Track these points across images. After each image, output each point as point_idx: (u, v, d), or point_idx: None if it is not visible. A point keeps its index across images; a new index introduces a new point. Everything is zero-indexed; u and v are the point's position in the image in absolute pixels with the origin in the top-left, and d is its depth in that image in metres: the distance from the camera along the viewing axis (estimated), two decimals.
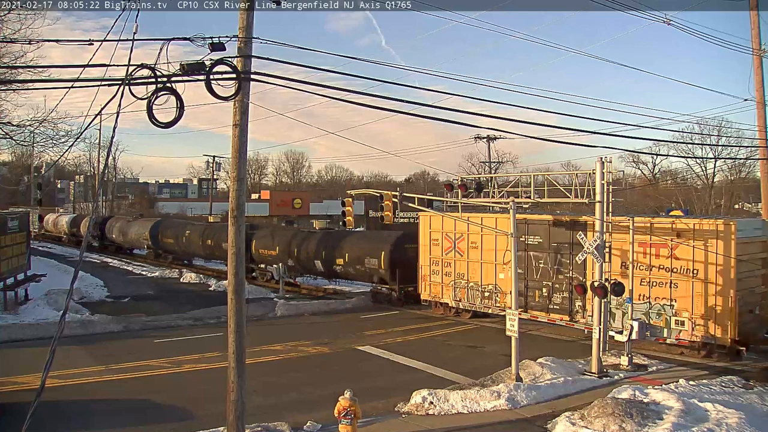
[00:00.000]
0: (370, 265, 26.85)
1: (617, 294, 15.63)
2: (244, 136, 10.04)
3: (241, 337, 10.10)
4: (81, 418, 12.14)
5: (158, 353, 17.27)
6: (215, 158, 56.58)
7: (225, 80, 8.86)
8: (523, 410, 12.71)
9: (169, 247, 42.29)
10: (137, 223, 47.68)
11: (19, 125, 23.84)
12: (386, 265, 26.03)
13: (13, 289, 23.94)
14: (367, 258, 26.99)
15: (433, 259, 24.00)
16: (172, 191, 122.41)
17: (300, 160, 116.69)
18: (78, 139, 35.05)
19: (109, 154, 63.77)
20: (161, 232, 42.66)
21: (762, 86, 21.00)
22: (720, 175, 69.06)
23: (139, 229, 45.17)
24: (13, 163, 62.78)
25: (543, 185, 18.07)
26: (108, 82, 8.42)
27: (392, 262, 25.88)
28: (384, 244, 26.58)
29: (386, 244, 26.45)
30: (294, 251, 30.93)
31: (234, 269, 10.21)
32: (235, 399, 10.03)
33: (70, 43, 9.32)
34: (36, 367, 12.20)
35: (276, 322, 23.28)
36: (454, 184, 18.43)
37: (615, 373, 15.55)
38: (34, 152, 39.37)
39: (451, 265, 23.29)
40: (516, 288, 14.86)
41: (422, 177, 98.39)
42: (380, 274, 26.67)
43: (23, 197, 61.41)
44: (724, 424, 10.89)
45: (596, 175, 15.72)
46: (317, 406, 12.59)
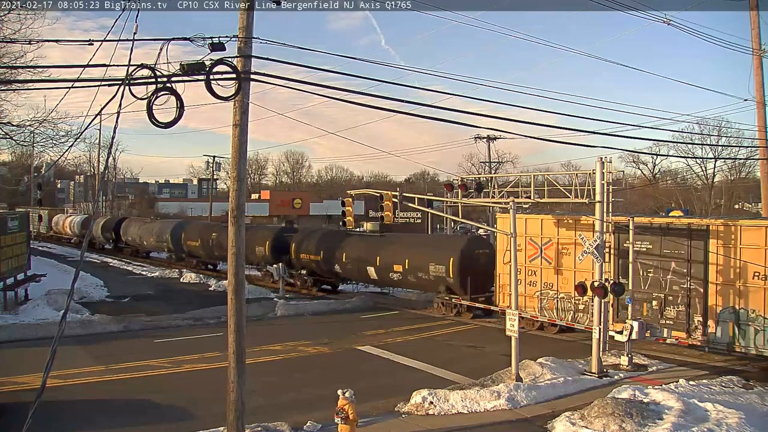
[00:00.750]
0: (436, 272, 24.15)
1: (617, 294, 15.64)
2: (244, 136, 10.04)
3: (241, 337, 10.10)
4: (81, 417, 12.14)
5: (158, 353, 17.27)
6: (215, 158, 56.50)
7: (225, 80, 8.86)
8: (523, 410, 12.72)
9: (193, 250, 38.97)
10: (156, 224, 45.25)
11: (19, 125, 23.82)
12: (455, 273, 23.33)
13: (13, 289, 23.96)
14: (431, 265, 24.29)
15: None
16: (172, 191, 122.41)
17: (300, 160, 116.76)
18: (78, 139, 34.91)
19: (109, 154, 63.83)
20: (185, 234, 39.63)
21: (762, 86, 21.02)
22: (720, 175, 69.09)
23: (159, 231, 42.59)
24: (13, 163, 62.71)
25: (543, 185, 18.10)
26: (108, 82, 8.43)
27: (462, 270, 23.20)
28: (452, 250, 23.97)
29: (455, 250, 23.88)
30: (341, 256, 28.66)
31: (234, 269, 10.20)
32: (235, 399, 10.02)
33: (70, 43, 9.34)
34: (36, 367, 12.20)
35: (276, 322, 23.28)
36: (454, 184, 18.46)
37: (615, 373, 15.56)
38: (34, 152, 39.39)
39: (536, 273, 21.02)
40: (516, 288, 14.85)
41: (422, 177, 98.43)
42: (448, 283, 23.97)
43: (23, 197, 61.35)
44: (724, 424, 10.90)
45: (596, 175, 15.74)
46: (317, 406, 12.60)
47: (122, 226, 48.46)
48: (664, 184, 70.27)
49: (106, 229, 50.91)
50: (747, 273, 15.86)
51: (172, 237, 40.53)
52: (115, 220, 51.97)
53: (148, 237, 43.76)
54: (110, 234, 50.04)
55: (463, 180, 19.03)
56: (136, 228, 46.25)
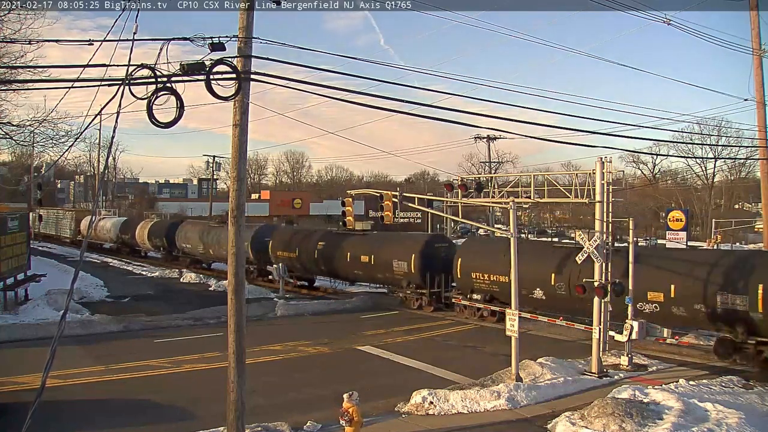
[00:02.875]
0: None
1: (617, 294, 15.62)
2: (244, 136, 10.04)
3: (241, 337, 10.10)
4: (81, 417, 12.13)
5: (158, 353, 17.26)
6: (215, 158, 56.54)
7: (225, 80, 8.87)
8: (523, 410, 12.71)
9: (289, 262, 30.83)
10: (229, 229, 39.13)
11: (19, 125, 23.86)
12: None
13: (13, 289, 23.94)
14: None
15: None
16: (172, 191, 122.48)
17: (300, 160, 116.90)
18: (78, 139, 34.98)
19: (109, 154, 63.85)
20: (275, 241, 32.27)
21: (762, 86, 21.03)
22: (720, 175, 69.21)
23: None
24: (13, 163, 62.73)
25: (543, 185, 18.07)
26: (108, 82, 8.43)
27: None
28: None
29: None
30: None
31: (234, 269, 10.21)
32: (235, 399, 10.02)
33: (70, 43, 9.34)
34: (36, 367, 12.17)
35: (276, 322, 23.27)
36: (454, 184, 18.43)
37: (615, 373, 15.56)
38: (34, 152, 39.37)
39: None
40: (516, 288, 14.84)
41: (422, 177, 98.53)
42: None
43: (23, 197, 61.35)
44: (724, 424, 10.89)
45: (596, 175, 15.72)
46: (317, 406, 12.61)
47: (178, 231, 39.79)
48: (664, 184, 70.31)
49: (154, 235, 42.67)
50: None
51: (255, 246, 32.44)
52: (167, 224, 43.38)
53: (217, 245, 35.06)
54: (161, 240, 41.80)
55: (463, 180, 19.00)
56: (196, 233, 37.61)
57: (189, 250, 38.84)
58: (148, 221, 46.59)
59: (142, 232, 43.90)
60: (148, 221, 46.63)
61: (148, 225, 44.55)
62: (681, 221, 31.94)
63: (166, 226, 42.45)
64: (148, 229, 43.56)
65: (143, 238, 43.97)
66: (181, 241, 39.29)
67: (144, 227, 44.20)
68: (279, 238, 32.72)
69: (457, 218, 23.61)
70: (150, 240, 43.25)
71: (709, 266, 17.46)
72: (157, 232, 42.52)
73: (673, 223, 32.10)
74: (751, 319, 15.96)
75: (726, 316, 16.59)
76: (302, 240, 31.36)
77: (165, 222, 46.24)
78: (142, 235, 44.01)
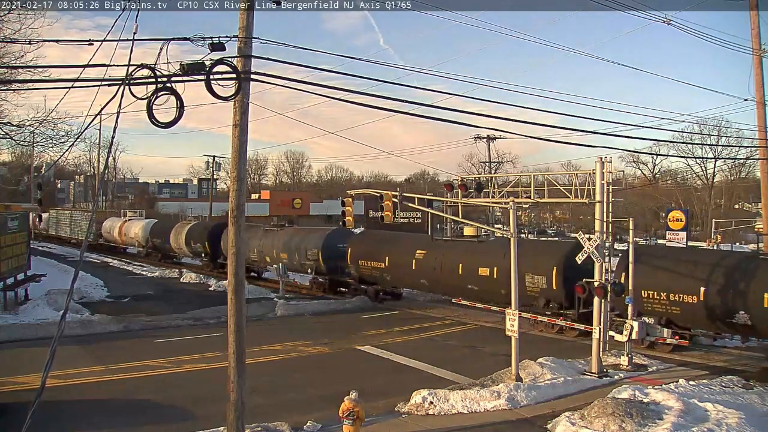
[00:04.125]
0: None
1: (617, 294, 15.62)
2: (244, 136, 10.05)
3: (241, 337, 10.11)
4: (81, 418, 12.14)
5: (158, 353, 17.27)
6: (215, 158, 56.49)
7: (225, 80, 8.87)
8: (523, 410, 12.71)
9: (377, 274, 27.14)
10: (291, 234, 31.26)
11: (19, 125, 23.85)
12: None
13: (13, 289, 23.94)
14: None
15: None
16: (172, 191, 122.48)
17: (300, 160, 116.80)
18: (78, 139, 34.92)
19: (109, 154, 63.84)
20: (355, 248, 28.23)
21: (762, 86, 21.04)
22: (720, 175, 69.22)
23: (301, 245, 29.63)
24: (13, 163, 62.71)
25: (543, 185, 18.05)
26: (108, 82, 8.44)
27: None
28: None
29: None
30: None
31: (234, 269, 10.21)
32: (235, 399, 10.03)
33: (70, 43, 9.35)
34: (36, 367, 12.21)
35: (276, 322, 23.27)
36: (454, 184, 18.43)
37: (615, 373, 15.56)
38: (34, 152, 39.32)
39: None
40: (516, 288, 14.84)
41: (422, 177, 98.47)
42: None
43: (23, 197, 61.28)
44: (724, 424, 10.90)
45: (596, 175, 15.72)
46: (317, 406, 12.61)
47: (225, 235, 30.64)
48: (664, 184, 70.33)
49: (194, 239, 37.66)
50: None
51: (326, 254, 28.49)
52: (210, 227, 37.31)
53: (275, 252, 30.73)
54: (202, 246, 36.43)
55: (463, 180, 19.00)
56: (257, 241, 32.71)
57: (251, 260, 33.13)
58: (184, 223, 41.24)
59: (178, 236, 38.94)
60: (185, 223, 41.25)
61: (185, 228, 39.15)
62: (681, 221, 31.89)
63: (208, 229, 36.83)
64: (185, 233, 38.40)
65: (179, 242, 38.82)
66: None
67: (180, 230, 39.17)
68: (360, 245, 28.57)
69: (457, 218, 23.58)
70: (189, 245, 38.06)
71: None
72: (197, 236, 37.19)
73: (673, 223, 32.06)
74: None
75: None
76: (392, 247, 26.93)
77: (206, 224, 40.13)
78: (178, 239, 38.96)
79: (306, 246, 29.48)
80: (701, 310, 17.01)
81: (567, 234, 50.42)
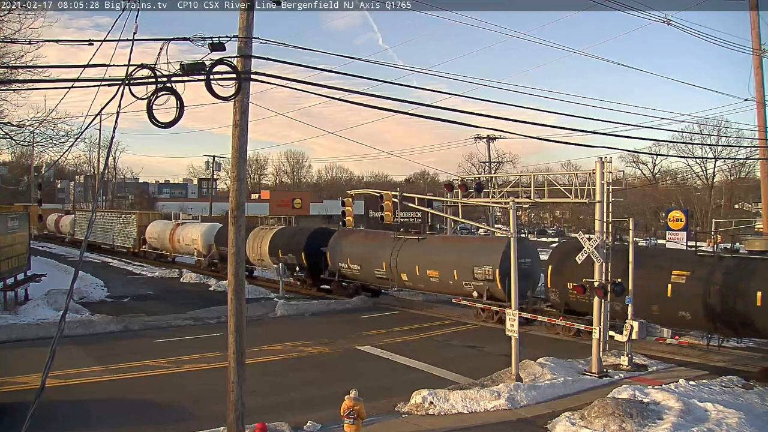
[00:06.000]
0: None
1: (618, 294, 15.62)
2: (244, 136, 10.05)
3: (241, 337, 10.11)
4: (81, 418, 12.13)
5: (158, 353, 17.26)
6: (215, 158, 56.56)
7: (225, 80, 8.87)
8: (523, 410, 12.71)
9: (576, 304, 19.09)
10: (437, 243, 24.57)
11: (19, 125, 23.79)
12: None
13: (13, 289, 23.95)
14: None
15: None
16: (172, 191, 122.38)
17: (300, 160, 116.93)
18: (78, 139, 34.87)
19: (109, 154, 63.80)
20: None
21: (762, 86, 21.02)
22: (720, 175, 69.16)
23: (467, 262, 22.14)
24: (13, 163, 62.71)
25: (543, 185, 18.08)
26: (108, 82, 8.44)
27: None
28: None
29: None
30: None
31: (234, 269, 10.21)
32: (235, 399, 10.03)
33: (70, 43, 9.34)
34: (36, 367, 12.20)
35: (276, 322, 23.26)
36: (454, 184, 18.46)
37: (615, 373, 15.55)
38: (34, 152, 39.29)
39: None
40: (516, 288, 14.84)
41: (422, 177, 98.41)
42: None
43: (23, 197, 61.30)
44: (724, 424, 10.90)
45: (596, 175, 15.72)
46: (317, 406, 12.61)
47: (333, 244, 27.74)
48: (664, 184, 70.33)
49: (282, 249, 29.72)
50: None
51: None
52: (307, 233, 29.53)
53: (415, 269, 24.04)
54: (297, 257, 28.84)
55: (463, 180, 19.03)
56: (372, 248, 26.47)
57: (357, 274, 26.85)
58: (266, 229, 32.33)
59: (259, 244, 31.14)
60: (267, 229, 32.36)
61: (268, 234, 31.07)
62: (681, 221, 31.88)
63: (305, 237, 29.15)
64: (269, 241, 30.65)
65: (261, 252, 31.05)
66: (340, 258, 27.11)
67: (261, 237, 31.23)
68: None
69: (457, 218, 23.63)
70: (274, 255, 29.89)
71: None
72: (288, 246, 29.50)
73: (673, 223, 32.05)
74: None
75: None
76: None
77: (300, 230, 31.84)
78: (258, 248, 31.14)
79: (467, 263, 22.12)
80: None
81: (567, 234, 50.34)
